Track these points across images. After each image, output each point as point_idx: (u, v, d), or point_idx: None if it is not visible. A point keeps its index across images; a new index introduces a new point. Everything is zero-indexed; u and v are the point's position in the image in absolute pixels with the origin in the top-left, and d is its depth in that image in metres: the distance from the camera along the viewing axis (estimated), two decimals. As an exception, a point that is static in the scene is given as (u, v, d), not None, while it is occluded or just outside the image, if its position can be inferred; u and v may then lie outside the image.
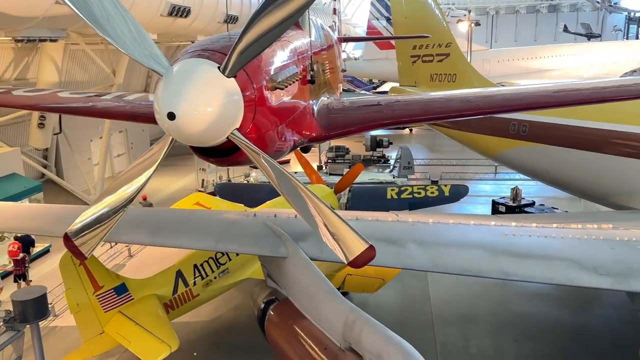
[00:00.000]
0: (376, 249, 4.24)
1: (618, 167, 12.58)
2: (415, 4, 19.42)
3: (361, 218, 8.92)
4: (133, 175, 4.52)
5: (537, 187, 20.41)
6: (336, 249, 4.15)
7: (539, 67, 41.93)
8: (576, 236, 8.20)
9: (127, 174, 4.59)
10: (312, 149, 24.85)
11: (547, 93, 7.58)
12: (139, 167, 4.51)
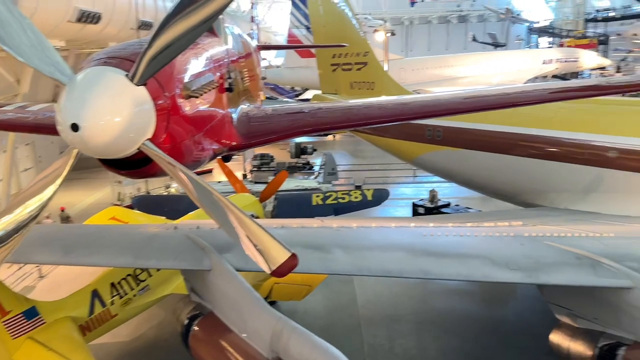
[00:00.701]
0: (302, 256, 4.23)
1: (525, 167, 13.50)
2: (333, 13, 19.80)
3: (287, 225, 8.90)
4: (36, 191, 4.20)
5: (452, 189, 21.42)
6: (258, 259, 4.09)
7: (451, 74, 44.21)
8: (489, 234, 8.66)
9: (29, 190, 4.26)
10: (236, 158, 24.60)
11: (459, 100, 7.99)
12: (42, 183, 4.20)
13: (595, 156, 12.03)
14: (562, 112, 12.48)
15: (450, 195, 20.92)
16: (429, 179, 23.56)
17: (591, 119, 12.56)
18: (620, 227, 9.69)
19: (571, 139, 12.69)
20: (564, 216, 11.46)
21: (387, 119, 7.83)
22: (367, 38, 20.82)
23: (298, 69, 40.89)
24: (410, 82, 35.95)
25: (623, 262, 7.20)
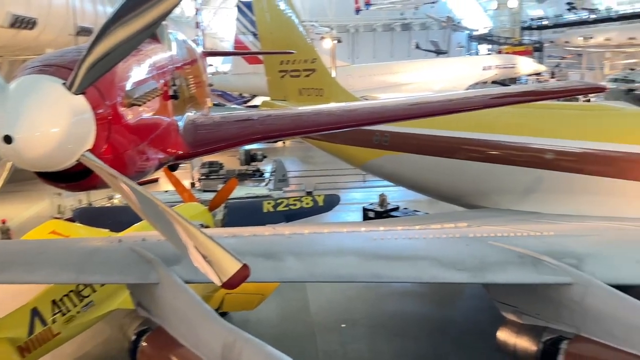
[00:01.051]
0: (254, 265, 4.16)
1: (469, 170, 13.95)
2: (280, 20, 19.80)
3: (238, 234, 8.76)
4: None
5: (400, 193, 21.80)
6: (208, 271, 3.99)
7: (396, 81, 45.22)
8: (436, 236, 8.87)
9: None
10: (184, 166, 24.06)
11: (405, 106, 8.17)
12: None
13: (534, 158, 12.60)
14: (503, 116, 13.00)
15: (399, 199, 21.29)
16: (378, 183, 23.90)
17: (529, 122, 13.16)
18: (559, 225, 10.17)
19: (511, 142, 13.25)
20: (507, 216, 11.90)
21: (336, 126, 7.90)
22: (315, 45, 20.96)
23: (246, 75, 40.61)
24: (358, 88, 36.43)
25: (563, 259, 7.54)
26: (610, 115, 13.23)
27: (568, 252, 7.84)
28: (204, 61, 11.12)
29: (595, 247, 8.25)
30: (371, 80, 43.83)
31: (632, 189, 10.92)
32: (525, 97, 9.21)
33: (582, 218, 10.74)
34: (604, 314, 6.74)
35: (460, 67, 52.04)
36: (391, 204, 19.71)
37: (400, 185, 18.04)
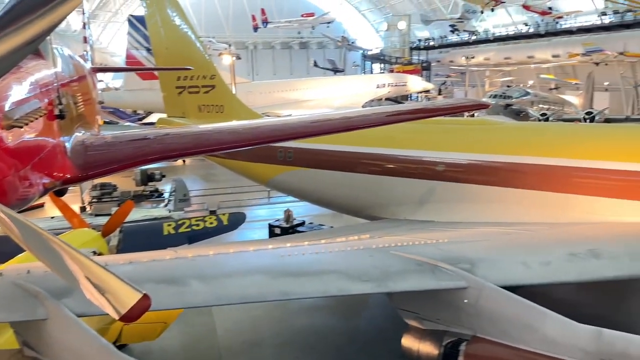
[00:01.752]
0: (155, 292, 3.91)
1: (369, 183, 14.47)
2: (175, 36, 19.28)
3: (136, 260, 8.25)
4: None
5: (306, 207, 22.05)
6: (103, 304, 3.69)
7: (297, 98, 45.96)
8: (341, 249, 9.04)
9: None
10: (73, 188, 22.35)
11: (307, 124, 8.29)
12: None
13: (427, 170, 13.39)
14: (398, 132, 13.66)
15: (305, 214, 21.50)
16: (284, 199, 23.99)
17: (422, 137, 13.99)
18: (452, 232, 10.84)
19: (406, 155, 13.98)
20: (405, 226, 12.47)
21: (239, 144, 7.80)
22: (213, 61, 20.66)
23: (140, 92, 38.98)
24: (259, 105, 36.45)
25: (457, 264, 8.02)
26: (492, 129, 14.45)
27: (462, 257, 8.36)
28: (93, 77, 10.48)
29: (486, 251, 8.88)
30: (272, 96, 44.16)
31: (513, 196, 11.95)
32: (418, 114, 9.80)
33: (472, 225, 11.54)
34: (497, 315, 7.26)
35: (357, 85, 54.20)
36: (297, 219, 19.84)
37: (305, 200, 18.23)
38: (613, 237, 9.55)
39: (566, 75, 57.43)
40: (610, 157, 11.04)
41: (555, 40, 56.67)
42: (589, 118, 32.43)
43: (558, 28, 55.25)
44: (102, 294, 3.70)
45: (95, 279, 3.71)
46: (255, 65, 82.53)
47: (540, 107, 38.28)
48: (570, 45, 52.77)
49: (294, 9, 75.89)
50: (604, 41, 48.73)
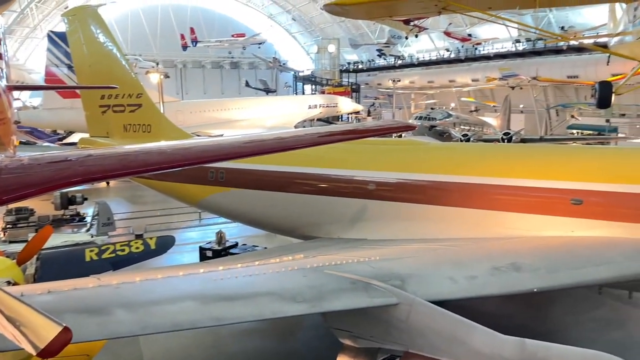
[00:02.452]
0: (77, 324, 3.69)
1: (302, 203, 14.53)
2: (99, 53, 18.56)
3: (55, 290, 7.71)
4: None
5: (239, 229, 21.72)
6: (19, 339, 3.40)
7: (228, 118, 45.53)
8: (275, 270, 8.96)
9: None
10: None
11: (239, 144, 8.19)
12: None
13: (358, 189, 13.66)
14: (330, 151, 13.89)
15: (238, 235, 21.15)
16: (216, 220, 23.49)
17: (353, 157, 14.30)
18: (383, 250, 11.07)
19: (338, 175, 14.21)
20: (338, 245, 12.59)
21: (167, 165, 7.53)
22: (140, 80, 20.05)
23: (60, 110, 37.04)
24: (189, 124, 35.76)
25: (388, 281, 8.19)
26: (418, 149, 15.03)
27: (393, 274, 8.54)
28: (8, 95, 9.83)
29: (415, 267, 9.13)
30: (203, 116, 43.46)
31: (440, 213, 12.44)
32: (349, 135, 10.00)
33: (403, 241, 11.86)
34: (427, 329, 7.45)
35: (289, 105, 54.65)
36: (230, 241, 19.47)
37: (238, 221, 17.94)
38: (532, 250, 10.15)
39: (485, 98, 61.12)
40: (528, 176, 11.80)
41: (474, 65, 60.34)
42: (506, 138, 34.54)
43: (477, 54, 58.91)
44: (18, 327, 3.41)
45: (9, 311, 3.42)
46: (184, 84, 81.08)
47: (462, 128, 40.40)
48: (488, 70, 56.37)
49: (224, 28, 75.72)
50: (519, 66, 52.44)
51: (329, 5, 12.84)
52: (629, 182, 10.57)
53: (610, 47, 13.45)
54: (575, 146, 33.50)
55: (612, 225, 10.34)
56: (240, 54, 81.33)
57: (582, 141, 41.40)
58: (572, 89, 51.48)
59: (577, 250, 9.92)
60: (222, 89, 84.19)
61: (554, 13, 48.59)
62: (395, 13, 18.10)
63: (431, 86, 67.66)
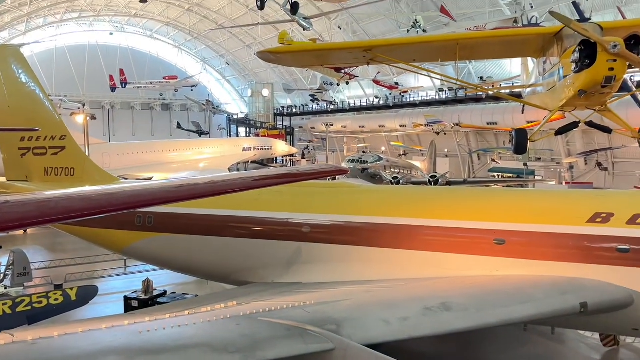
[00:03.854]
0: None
1: (236, 247, 14.26)
2: (20, 94, 17.69)
3: (-44, 352, 6.99)
4: None
5: (167, 276, 20.86)
6: None
7: (159, 160, 44.41)
8: (207, 319, 8.62)
9: None
10: None
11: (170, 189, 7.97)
12: None
13: (293, 232, 13.63)
14: (265, 194, 13.82)
15: (166, 283, 20.28)
16: (143, 268, 22.44)
17: (288, 200, 14.33)
18: (318, 293, 11.01)
19: (273, 218, 14.14)
20: (273, 290, 12.38)
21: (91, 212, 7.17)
22: (65, 121, 19.22)
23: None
24: (116, 167, 34.49)
25: (324, 326, 8.11)
26: (351, 191, 15.33)
27: (328, 318, 8.48)
28: None
29: (350, 311, 9.13)
30: (131, 158, 42.10)
31: (373, 254, 12.62)
32: (283, 179, 10.03)
33: (337, 284, 11.87)
34: (362, 374, 7.39)
35: (223, 147, 54.24)
36: (157, 289, 18.60)
37: (167, 268, 17.25)
38: (461, 290, 10.47)
39: (413, 143, 63.86)
40: (454, 217, 12.32)
41: (402, 111, 63.33)
42: (433, 181, 36.05)
43: (404, 101, 61.97)
44: None
45: None
46: (112, 125, 78.66)
47: (392, 171, 41.78)
48: (415, 117, 59.29)
49: (156, 70, 74.91)
50: (443, 114, 55.55)
51: (262, 53, 13.10)
52: (547, 222, 11.28)
53: (524, 97, 14.61)
54: (497, 189, 35.53)
55: (533, 263, 10.93)
56: (172, 96, 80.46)
57: (502, 183, 44.01)
58: (491, 134, 55.00)
59: (503, 289, 10.35)
60: (152, 130, 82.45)
61: (473, 64, 52.27)
62: (326, 62, 18.77)
63: (362, 130, 69.96)
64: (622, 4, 35.68)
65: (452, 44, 12.85)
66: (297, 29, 42.52)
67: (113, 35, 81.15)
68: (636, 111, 26.14)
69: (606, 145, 39.72)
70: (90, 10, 72.92)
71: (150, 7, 72.58)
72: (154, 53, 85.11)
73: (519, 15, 34.19)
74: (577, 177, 46.85)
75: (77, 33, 78.31)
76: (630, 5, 36.84)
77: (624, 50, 9.92)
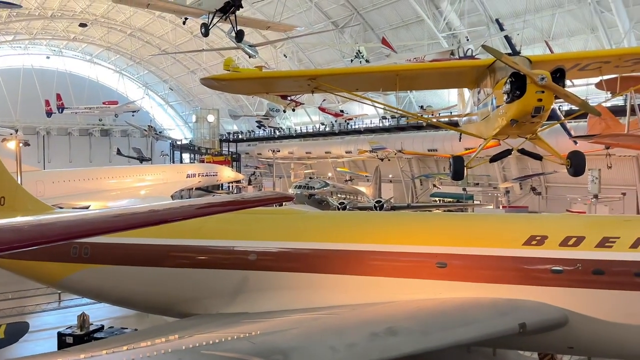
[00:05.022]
0: None
1: (178, 277, 13.80)
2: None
3: None
4: None
5: (105, 310, 19.90)
6: None
7: (98, 187, 42.75)
8: (146, 354, 8.24)
9: None
10: None
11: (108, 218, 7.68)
12: None
13: (239, 260, 13.40)
14: (209, 222, 13.54)
15: (104, 317, 19.33)
16: (79, 301, 21.31)
17: (233, 227, 14.08)
18: (265, 323, 10.80)
19: (217, 246, 13.85)
20: (217, 321, 12.06)
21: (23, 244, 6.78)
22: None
23: None
24: (51, 195, 32.89)
25: (271, 356, 7.96)
26: (298, 218, 15.31)
27: (275, 348, 8.34)
28: None
29: (297, 339, 9.01)
30: (67, 186, 40.26)
31: (320, 280, 12.59)
32: (228, 207, 9.91)
33: (285, 312, 11.72)
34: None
35: (166, 174, 52.90)
36: (94, 324, 17.66)
37: (105, 301, 16.46)
38: (406, 314, 10.61)
39: (358, 169, 64.93)
40: (398, 242, 12.54)
41: (347, 138, 64.43)
42: (378, 206, 36.67)
43: (349, 128, 63.15)
44: None
45: None
46: (48, 152, 75.15)
47: (339, 197, 42.16)
48: (360, 143, 60.45)
49: (95, 95, 72.51)
50: (386, 140, 56.98)
51: (206, 80, 13.01)
52: (486, 245, 11.69)
53: (461, 126, 15.25)
54: (439, 213, 36.59)
55: (474, 286, 11.25)
56: (113, 121, 78.07)
57: (444, 208, 45.40)
58: (432, 160, 56.84)
59: (447, 312, 10.57)
60: (90, 157, 79.48)
61: (414, 94, 54.18)
62: (271, 90, 18.91)
63: (309, 156, 70.46)
64: (550, 38, 38.33)
65: (392, 74, 13.29)
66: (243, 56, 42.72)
67: (50, 59, 78.27)
68: (565, 138, 27.87)
69: (539, 170, 41.97)
70: (25, 33, 70.16)
71: (90, 31, 70.76)
72: (94, 78, 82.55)
73: (456, 48, 35.90)
74: (513, 201, 49.10)
75: (11, 56, 75.01)
76: (557, 40, 39.60)
77: (551, 82, 10.61)
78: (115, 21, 67.03)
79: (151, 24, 68.16)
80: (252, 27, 36.08)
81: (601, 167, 32.85)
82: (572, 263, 10.60)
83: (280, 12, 43.62)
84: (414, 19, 47.69)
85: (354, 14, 51.83)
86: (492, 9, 41.93)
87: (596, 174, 32.82)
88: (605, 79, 14.72)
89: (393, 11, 49.35)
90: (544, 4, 38.66)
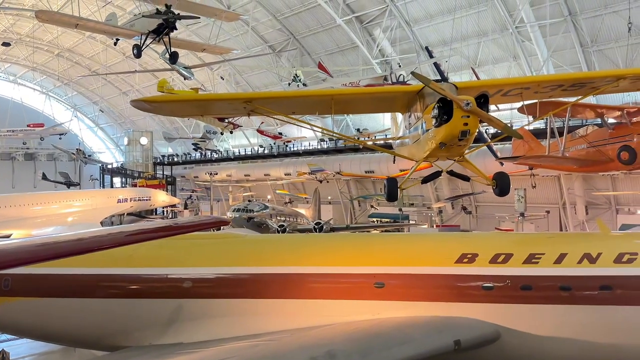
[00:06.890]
0: None
1: (107, 308, 13.09)
2: None
3: None
4: None
5: (27, 346, 18.53)
6: None
7: (20, 215, 40.11)
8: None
9: None
10: None
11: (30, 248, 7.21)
12: None
13: (173, 288, 12.91)
14: (141, 249, 13.03)
15: (26, 354, 18.06)
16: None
17: (166, 254, 13.59)
18: (200, 353, 10.45)
19: (150, 274, 13.30)
20: (150, 353, 11.55)
21: None
22: None
23: None
24: (-34, 224, 30.45)
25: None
26: (236, 242, 15.04)
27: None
28: None
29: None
30: (-14, 214, 37.51)
31: (258, 306, 12.36)
32: (161, 233, 9.58)
33: (222, 341, 11.37)
34: None
35: (95, 199, 50.44)
36: (15, 361, 16.42)
37: (27, 337, 15.30)
38: (345, 336, 10.60)
39: (297, 191, 65.01)
40: (337, 263, 12.60)
41: (286, 160, 64.56)
42: (318, 228, 36.78)
43: (288, 150, 63.28)
44: None
45: None
46: (-36, 177, 69.91)
47: (278, 219, 41.92)
48: (299, 165, 60.72)
49: (19, 118, 68.53)
50: (325, 162, 57.60)
51: (137, 102, 12.62)
52: (420, 264, 11.98)
53: (394, 149, 15.69)
54: (376, 233, 37.23)
55: (410, 305, 11.46)
56: (38, 145, 73.93)
57: (381, 228, 46.26)
58: (370, 182, 57.97)
59: (384, 332, 10.67)
60: (13, 182, 74.63)
61: (350, 117, 55.36)
62: (206, 112, 18.66)
63: (248, 179, 69.75)
64: (476, 65, 40.56)
65: (328, 98, 13.52)
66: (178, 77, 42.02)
67: (-33, 79, 73.52)
68: (492, 160, 29.37)
69: (469, 190, 43.81)
70: (-60, 51, 65.59)
71: (14, 50, 67.20)
72: (17, 99, 78.10)
73: (389, 74, 37.15)
74: (446, 220, 50.84)
75: None
76: (483, 67, 41.97)
77: (475, 107, 11.17)
78: (41, 41, 64.17)
79: (81, 44, 65.77)
80: (186, 49, 35.67)
81: (526, 187, 34.83)
82: (501, 279, 11.04)
83: (217, 34, 43.45)
84: (349, 45, 49.01)
85: (291, 38, 52.56)
86: (422, 37, 43.93)
87: (522, 193, 34.77)
88: (527, 104, 15.71)
89: (329, 37, 50.54)
90: (470, 33, 40.97)
